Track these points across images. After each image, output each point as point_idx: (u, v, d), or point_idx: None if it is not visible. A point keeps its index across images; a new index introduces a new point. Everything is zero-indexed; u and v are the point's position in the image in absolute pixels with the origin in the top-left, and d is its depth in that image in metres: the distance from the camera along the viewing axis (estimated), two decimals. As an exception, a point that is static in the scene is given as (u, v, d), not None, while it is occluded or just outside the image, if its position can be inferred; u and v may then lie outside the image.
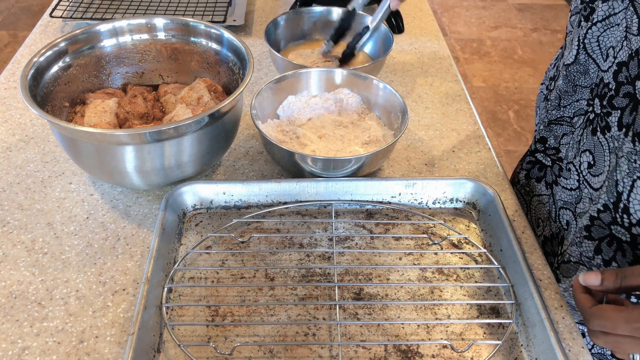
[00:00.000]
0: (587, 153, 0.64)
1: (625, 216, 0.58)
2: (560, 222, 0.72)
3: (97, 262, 0.65)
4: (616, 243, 0.61)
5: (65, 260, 0.65)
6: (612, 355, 0.69)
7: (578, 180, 0.67)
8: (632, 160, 0.56)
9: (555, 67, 0.74)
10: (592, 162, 0.64)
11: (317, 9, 0.99)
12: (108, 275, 0.63)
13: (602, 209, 0.61)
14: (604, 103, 0.60)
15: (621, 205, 0.58)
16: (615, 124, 0.59)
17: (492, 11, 3.35)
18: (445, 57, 1.04)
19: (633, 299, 0.61)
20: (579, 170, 0.66)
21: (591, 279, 0.52)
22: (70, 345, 0.56)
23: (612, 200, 0.59)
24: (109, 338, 0.57)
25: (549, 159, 0.75)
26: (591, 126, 0.64)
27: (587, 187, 0.65)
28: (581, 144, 0.66)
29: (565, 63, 0.67)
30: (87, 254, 0.66)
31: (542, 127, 0.75)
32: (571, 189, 0.69)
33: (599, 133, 0.62)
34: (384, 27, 0.93)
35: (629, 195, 0.57)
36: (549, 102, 0.72)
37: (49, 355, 0.56)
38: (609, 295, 0.53)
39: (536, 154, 0.77)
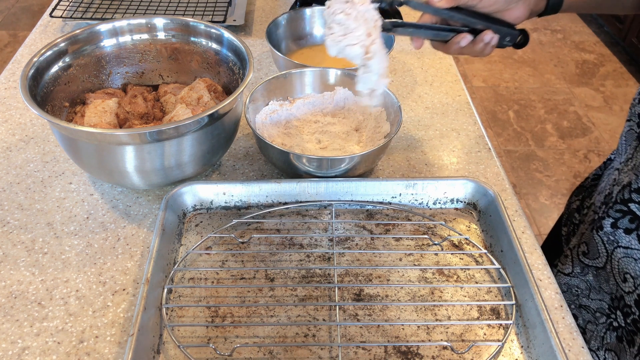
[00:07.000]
0: None
1: None
2: None
3: (97, 262, 0.65)
4: None
5: (65, 260, 0.65)
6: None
7: None
8: None
9: None
10: None
11: (318, 8, 0.98)
12: (108, 275, 0.63)
13: None
14: None
15: None
16: None
17: (492, 11, 3.35)
18: (445, 57, 1.04)
19: None
20: None
21: None
22: (70, 345, 0.56)
23: None
24: (109, 338, 0.57)
25: None
26: None
27: None
28: None
29: None
30: (87, 254, 0.66)
31: None
32: None
33: None
34: None
35: None
36: None
37: (49, 355, 0.56)
38: None
39: (629, 204, 0.68)
